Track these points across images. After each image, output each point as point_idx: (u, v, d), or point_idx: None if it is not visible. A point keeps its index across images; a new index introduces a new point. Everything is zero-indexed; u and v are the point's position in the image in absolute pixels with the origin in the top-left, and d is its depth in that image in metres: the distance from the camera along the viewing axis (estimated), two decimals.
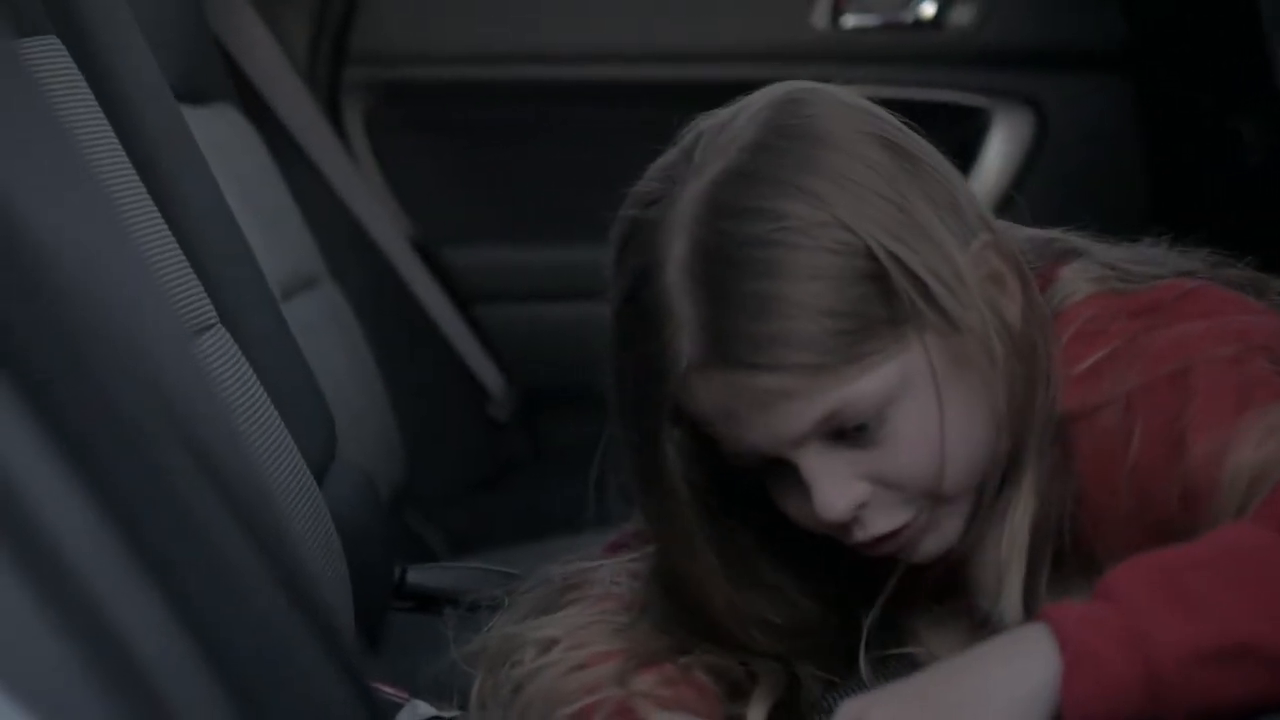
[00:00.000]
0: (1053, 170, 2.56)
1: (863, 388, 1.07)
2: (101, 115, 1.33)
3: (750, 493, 1.16)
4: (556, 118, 2.60)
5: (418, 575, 1.72)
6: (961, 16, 2.54)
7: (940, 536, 1.13)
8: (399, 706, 1.26)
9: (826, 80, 1.17)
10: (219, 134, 1.98)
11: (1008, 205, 2.53)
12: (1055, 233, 1.21)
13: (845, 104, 1.14)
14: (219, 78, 2.20)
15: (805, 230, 1.07)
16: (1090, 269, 1.17)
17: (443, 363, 2.58)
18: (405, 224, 2.63)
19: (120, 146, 1.34)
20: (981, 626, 1.13)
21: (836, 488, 1.09)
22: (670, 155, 1.14)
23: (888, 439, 1.09)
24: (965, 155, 2.57)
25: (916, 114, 1.16)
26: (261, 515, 0.73)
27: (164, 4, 1.97)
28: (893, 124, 1.13)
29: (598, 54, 2.59)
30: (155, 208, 1.35)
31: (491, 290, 2.63)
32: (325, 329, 2.13)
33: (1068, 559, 1.12)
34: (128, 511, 0.63)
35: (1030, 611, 1.10)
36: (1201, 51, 2.52)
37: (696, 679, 1.17)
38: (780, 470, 1.12)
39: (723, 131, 1.12)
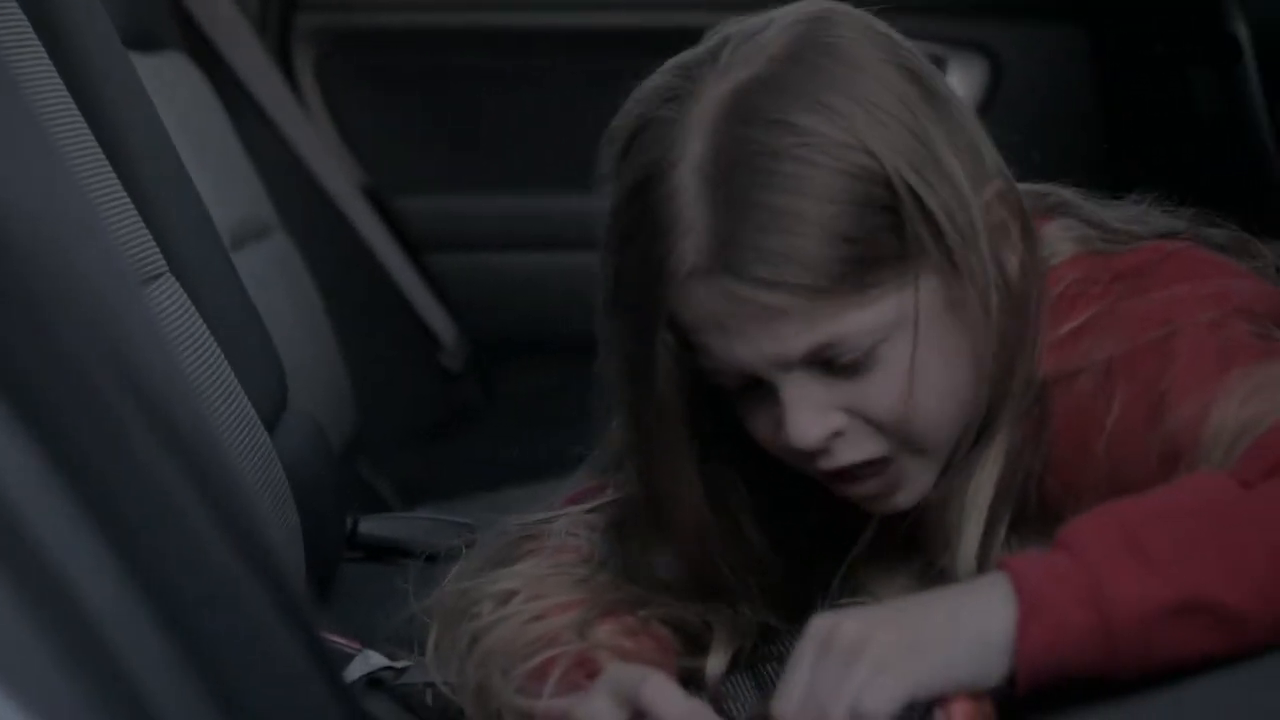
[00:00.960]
0: (1007, 119, 2.54)
1: (861, 319, 1.07)
2: (49, 62, 1.32)
3: (731, 424, 1.15)
4: (510, 66, 2.59)
5: (369, 525, 1.72)
6: None
7: (911, 489, 1.13)
8: (350, 657, 1.26)
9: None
10: (168, 82, 1.96)
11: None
12: (1047, 186, 1.20)
13: (877, 30, 1.13)
14: (168, 24, 2.18)
15: (829, 150, 1.06)
16: (1074, 227, 1.17)
17: (394, 312, 2.57)
18: (357, 173, 2.61)
19: (68, 94, 1.33)
20: (933, 582, 1.13)
21: (813, 415, 1.08)
22: (692, 54, 1.12)
23: (873, 374, 1.08)
24: None
25: None
26: (211, 464, 0.72)
27: None
28: (921, 59, 1.13)
29: (550, 2, 2.58)
30: (103, 156, 1.34)
31: (444, 239, 2.62)
32: (276, 278, 2.12)
33: (1029, 520, 1.12)
34: (76, 459, 0.63)
35: (983, 568, 1.10)
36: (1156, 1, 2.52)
37: (655, 631, 1.17)
38: (756, 391, 1.11)
39: (752, 39, 1.10)
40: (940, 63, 2.57)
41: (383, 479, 2.35)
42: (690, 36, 1.15)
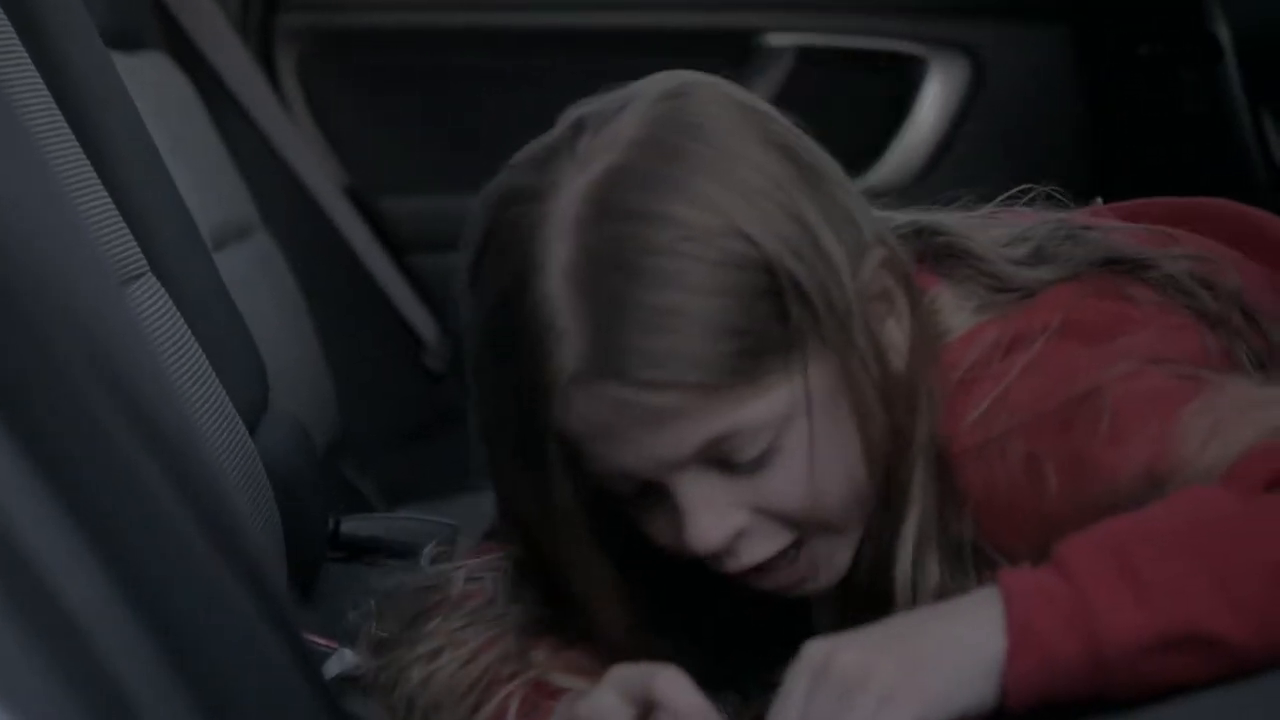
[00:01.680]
0: (990, 120, 2.56)
1: (755, 411, 1.02)
2: (29, 62, 1.31)
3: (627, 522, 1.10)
4: (491, 65, 2.59)
5: (351, 525, 1.71)
6: None
7: (829, 570, 1.09)
8: (328, 656, 1.26)
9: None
10: (150, 82, 1.96)
11: (945, 153, 2.54)
12: (921, 215, 1.15)
13: (740, 104, 1.07)
14: (150, 24, 2.18)
15: (707, 240, 1.00)
16: (969, 291, 1.11)
17: (378, 312, 2.57)
18: (339, 173, 2.61)
19: (49, 93, 1.32)
20: None
21: (713, 517, 1.04)
22: (544, 143, 1.05)
23: (770, 466, 1.03)
24: (902, 104, 2.58)
25: (853, 62, 1.15)
26: (193, 464, 0.72)
27: None
28: (789, 128, 1.07)
29: (535, 1, 2.58)
30: (84, 156, 1.33)
31: (426, 239, 2.62)
32: (258, 278, 2.11)
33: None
34: (58, 459, 0.63)
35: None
36: (1140, 1, 2.53)
37: (582, 643, 1.13)
38: (652, 496, 1.06)
39: (608, 123, 1.03)
40: (923, 64, 2.57)
41: (365, 479, 2.35)
42: (666, 38, 1.13)
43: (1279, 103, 2.31)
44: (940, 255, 1.13)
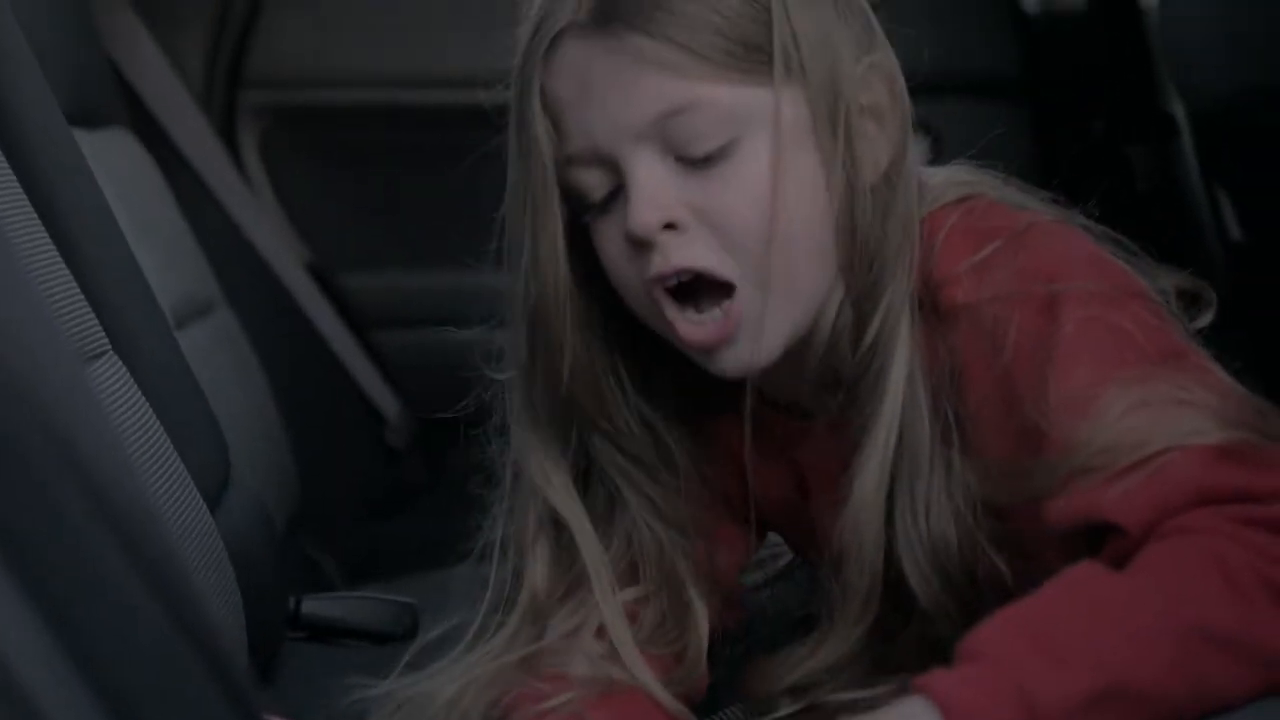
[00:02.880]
0: None
1: (720, 94, 1.10)
2: None
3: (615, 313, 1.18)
4: (453, 142, 2.59)
5: (312, 605, 1.70)
6: None
7: (751, 340, 1.13)
8: None
9: None
10: (112, 158, 1.96)
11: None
12: (950, 171, 1.23)
13: None
14: (113, 101, 2.18)
15: None
16: (963, 174, 1.21)
17: (339, 389, 2.57)
18: (300, 249, 2.61)
19: (9, 169, 1.32)
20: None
21: (655, 196, 1.11)
22: None
23: (721, 173, 1.11)
24: None
25: None
26: (152, 544, 0.72)
27: (56, 25, 1.95)
28: None
29: (494, 79, 2.59)
30: (45, 232, 1.33)
31: (388, 316, 2.62)
32: (219, 355, 2.11)
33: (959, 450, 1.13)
34: (13, 538, 0.62)
35: (896, 490, 1.12)
36: (1094, 78, 2.55)
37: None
38: (613, 205, 1.13)
39: None
40: None
41: (326, 557, 2.34)
42: None
43: (1234, 180, 2.33)
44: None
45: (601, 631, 1.21)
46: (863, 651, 1.18)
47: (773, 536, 1.37)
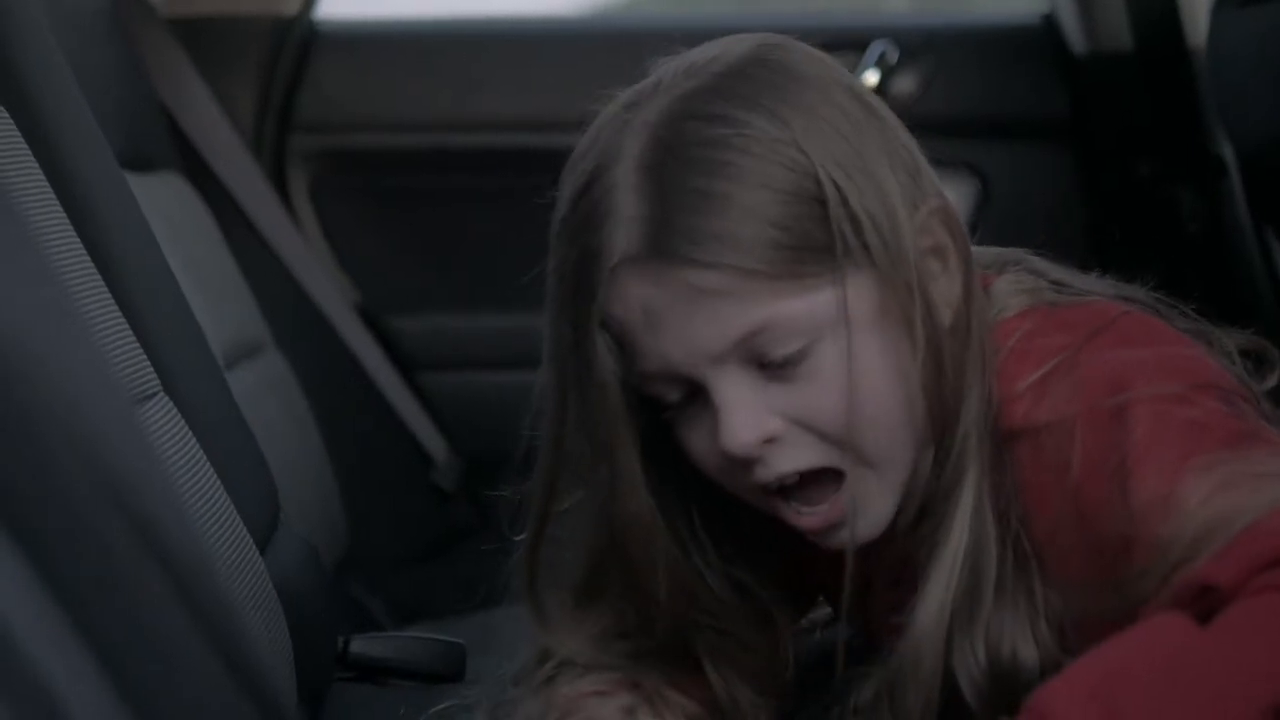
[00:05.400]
0: (994, 237, 2.57)
1: (793, 307, 1.07)
2: (45, 182, 1.33)
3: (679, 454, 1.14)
4: (501, 185, 2.61)
5: (361, 645, 1.71)
6: (903, 85, 2.56)
7: (869, 516, 1.11)
8: None
9: None
10: (164, 202, 1.97)
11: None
12: (1000, 250, 1.22)
13: (822, 57, 1.15)
14: (164, 145, 2.20)
15: (762, 141, 1.08)
16: (1024, 280, 1.18)
17: (387, 431, 2.57)
18: (350, 292, 2.62)
19: (64, 213, 1.34)
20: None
21: (747, 415, 1.08)
22: (636, 86, 1.14)
23: (807, 374, 1.08)
24: None
25: None
26: (203, 586, 0.72)
27: (110, 71, 1.97)
28: (864, 86, 1.16)
29: (541, 122, 2.60)
30: (98, 275, 1.34)
31: (436, 358, 2.63)
32: (269, 397, 2.12)
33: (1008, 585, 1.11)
34: (67, 583, 0.63)
35: (957, 625, 1.10)
36: (1141, 120, 2.55)
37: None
38: (693, 405, 1.11)
39: (699, 59, 1.13)
40: None
41: (375, 598, 2.34)
42: None
43: None
44: (1001, 266, 1.20)
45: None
46: None
47: None
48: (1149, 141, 2.54)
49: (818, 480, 1.11)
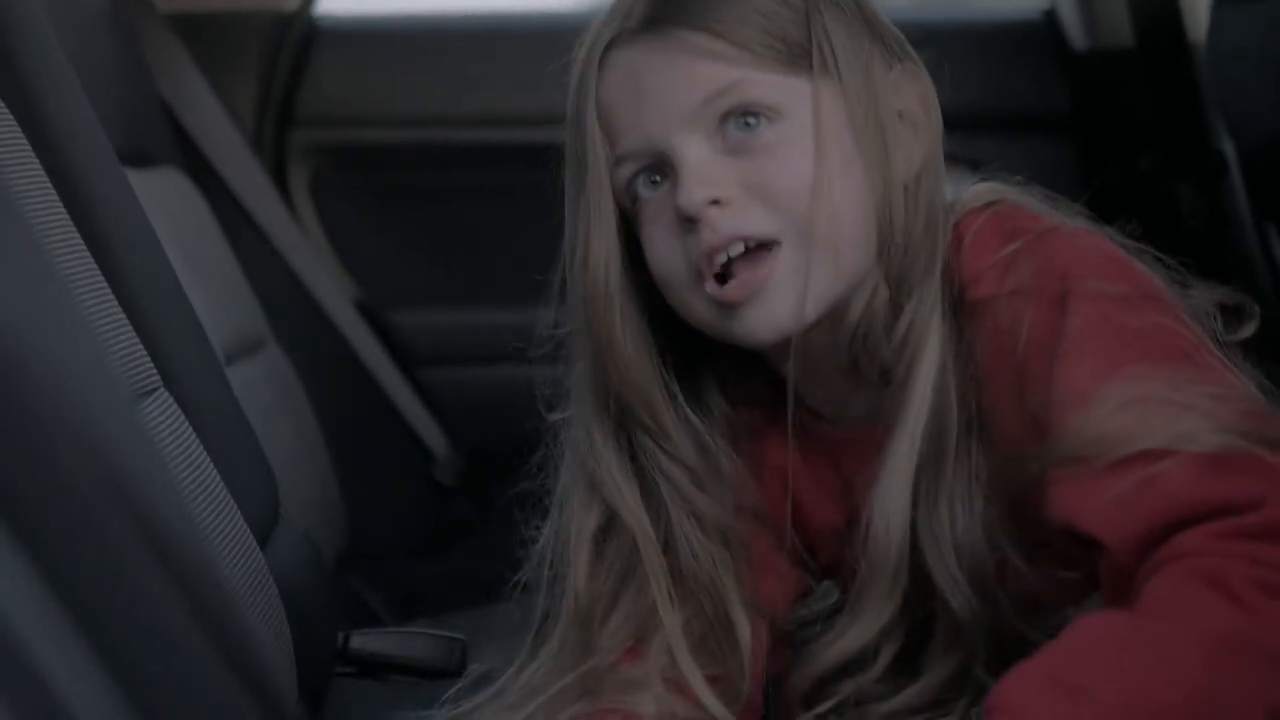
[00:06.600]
0: None
1: (766, 78, 1.17)
2: (45, 179, 1.33)
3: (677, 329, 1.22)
4: (501, 180, 2.61)
5: (361, 641, 1.71)
6: None
7: (787, 293, 1.17)
8: None
9: None
10: (164, 197, 1.97)
11: None
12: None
13: None
14: (164, 141, 2.20)
15: None
16: (995, 189, 1.25)
17: (387, 426, 2.57)
18: (350, 287, 2.62)
19: (64, 210, 1.34)
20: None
21: (705, 173, 1.17)
22: None
23: (766, 148, 1.17)
24: None
25: None
26: (203, 580, 0.72)
27: (110, 67, 1.97)
28: None
29: (541, 118, 2.60)
30: (98, 271, 1.34)
31: (436, 353, 2.63)
32: (269, 392, 2.12)
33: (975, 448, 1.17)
34: (69, 580, 0.63)
35: (920, 492, 1.17)
36: (1142, 115, 2.54)
37: None
38: (657, 200, 1.19)
39: None
40: None
41: (375, 593, 2.34)
42: None
43: None
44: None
45: (654, 648, 1.22)
46: (891, 646, 1.22)
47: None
48: (1149, 137, 2.54)
49: (755, 264, 1.17)
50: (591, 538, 1.25)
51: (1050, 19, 2.65)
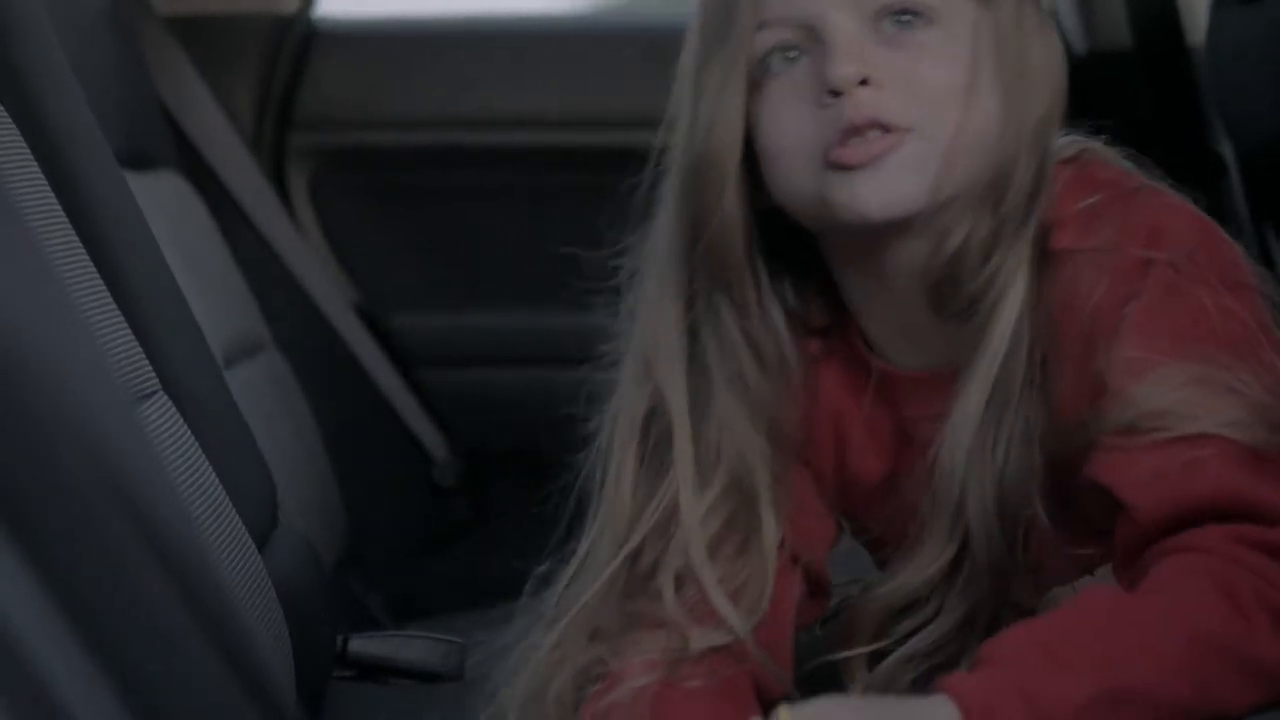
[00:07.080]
0: None
1: None
2: (44, 181, 1.33)
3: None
4: (500, 183, 2.61)
5: (360, 644, 1.71)
6: None
7: (908, 180, 1.16)
8: None
9: None
10: (163, 200, 1.97)
11: None
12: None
13: None
14: (164, 144, 2.20)
15: None
16: (1076, 139, 1.27)
17: (386, 428, 2.57)
18: (349, 290, 2.62)
19: (63, 212, 1.34)
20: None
21: (857, 52, 1.16)
22: None
23: (917, 44, 1.17)
24: None
25: None
26: (203, 584, 0.72)
27: (109, 69, 1.97)
28: None
29: (539, 120, 2.60)
30: (97, 274, 1.34)
31: (435, 356, 2.63)
32: (268, 395, 2.12)
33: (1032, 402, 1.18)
34: (68, 582, 0.63)
35: (983, 439, 1.16)
36: (1141, 118, 2.54)
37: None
38: (791, 73, 1.18)
39: None
40: None
41: (374, 595, 2.34)
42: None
43: None
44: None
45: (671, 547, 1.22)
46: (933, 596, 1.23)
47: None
48: (1148, 139, 2.53)
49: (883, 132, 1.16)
50: (640, 424, 1.24)
51: None
